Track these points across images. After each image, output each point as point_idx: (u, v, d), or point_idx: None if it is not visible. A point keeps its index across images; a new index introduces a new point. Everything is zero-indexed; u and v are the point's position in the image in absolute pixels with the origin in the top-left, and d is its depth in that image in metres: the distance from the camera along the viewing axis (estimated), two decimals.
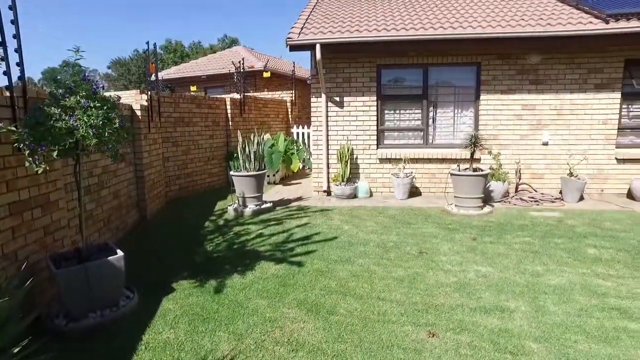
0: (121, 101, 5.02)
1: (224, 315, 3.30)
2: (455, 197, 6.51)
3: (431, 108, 7.71)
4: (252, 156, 6.73)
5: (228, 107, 9.18)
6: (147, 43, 6.46)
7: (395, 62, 7.51)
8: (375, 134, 7.69)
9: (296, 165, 9.79)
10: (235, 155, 8.04)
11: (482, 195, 6.41)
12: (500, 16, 7.23)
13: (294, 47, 7.13)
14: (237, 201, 6.75)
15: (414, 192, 7.61)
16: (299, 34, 7.12)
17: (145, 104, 6.41)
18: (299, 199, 7.65)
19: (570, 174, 7.03)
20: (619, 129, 7.33)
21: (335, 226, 5.75)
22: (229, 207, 6.73)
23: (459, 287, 3.76)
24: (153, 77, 6.98)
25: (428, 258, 4.48)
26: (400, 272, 4.10)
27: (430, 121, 7.74)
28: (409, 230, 5.50)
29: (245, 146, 6.81)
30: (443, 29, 6.90)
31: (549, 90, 7.31)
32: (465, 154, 6.84)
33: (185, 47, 45.02)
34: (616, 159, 7.32)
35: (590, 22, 6.66)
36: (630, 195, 7.16)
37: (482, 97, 7.45)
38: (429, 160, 7.61)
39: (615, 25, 6.51)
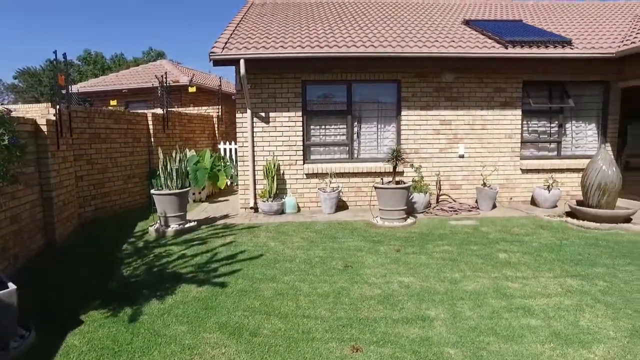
0: (24, 115, 4.56)
1: (138, 346, 3.05)
2: (380, 209, 6.70)
3: (356, 123, 7.95)
4: (174, 173, 6.44)
5: (150, 122, 8.73)
6: (55, 52, 5.95)
7: (319, 78, 7.66)
8: (302, 149, 7.73)
9: (223, 181, 9.53)
10: (157, 173, 7.64)
11: (406, 207, 6.67)
12: (417, 37, 7.70)
13: (217, 62, 7.01)
14: (159, 221, 6.38)
15: (341, 205, 7.73)
16: (223, 48, 7.01)
17: (53, 118, 5.88)
18: (226, 216, 7.43)
19: (484, 184, 7.58)
20: (522, 142, 8.09)
21: (261, 243, 5.64)
22: (150, 228, 6.35)
23: (383, 299, 3.83)
24: (65, 90, 6.44)
25: (353, 272, 4.53)
26: (325, 288, 4.10)
27: (355, 136, 7.96)
28: (335, 245, 5.54)
29: (166, 163, 6.50)
30: (365, 47, 7.18)
31: (462, 107, 7.87)
32: (389, 167, 7.10)
33: (107, 59, 42.35)
34: (521, 169, 8.05)
35: (493, 46, 7.35)
36: (533, 202, 7.89)
37: (403, 112, 7.82)
38: (355, 174, 7.79)
39: (513, 50, 7.26)
